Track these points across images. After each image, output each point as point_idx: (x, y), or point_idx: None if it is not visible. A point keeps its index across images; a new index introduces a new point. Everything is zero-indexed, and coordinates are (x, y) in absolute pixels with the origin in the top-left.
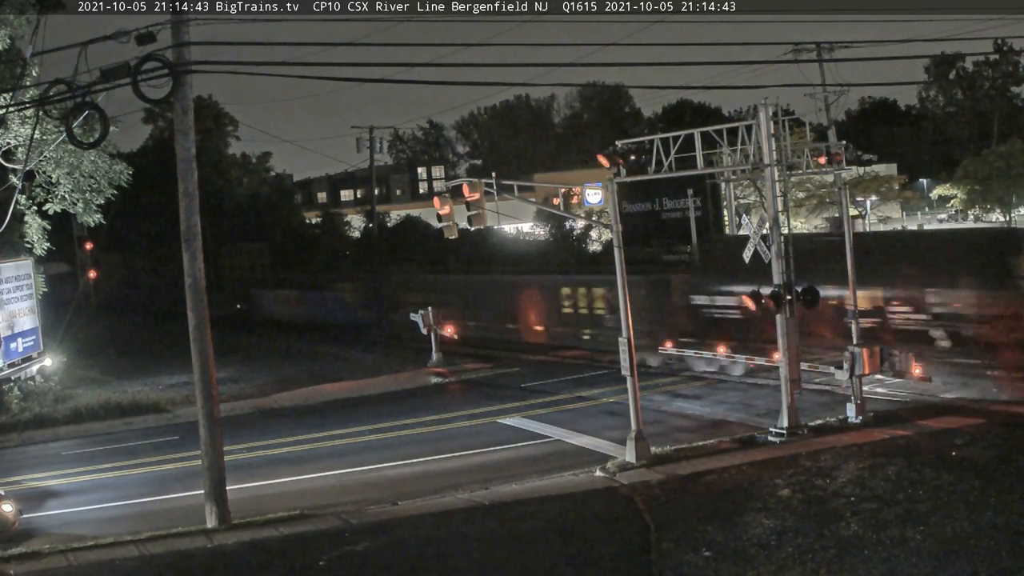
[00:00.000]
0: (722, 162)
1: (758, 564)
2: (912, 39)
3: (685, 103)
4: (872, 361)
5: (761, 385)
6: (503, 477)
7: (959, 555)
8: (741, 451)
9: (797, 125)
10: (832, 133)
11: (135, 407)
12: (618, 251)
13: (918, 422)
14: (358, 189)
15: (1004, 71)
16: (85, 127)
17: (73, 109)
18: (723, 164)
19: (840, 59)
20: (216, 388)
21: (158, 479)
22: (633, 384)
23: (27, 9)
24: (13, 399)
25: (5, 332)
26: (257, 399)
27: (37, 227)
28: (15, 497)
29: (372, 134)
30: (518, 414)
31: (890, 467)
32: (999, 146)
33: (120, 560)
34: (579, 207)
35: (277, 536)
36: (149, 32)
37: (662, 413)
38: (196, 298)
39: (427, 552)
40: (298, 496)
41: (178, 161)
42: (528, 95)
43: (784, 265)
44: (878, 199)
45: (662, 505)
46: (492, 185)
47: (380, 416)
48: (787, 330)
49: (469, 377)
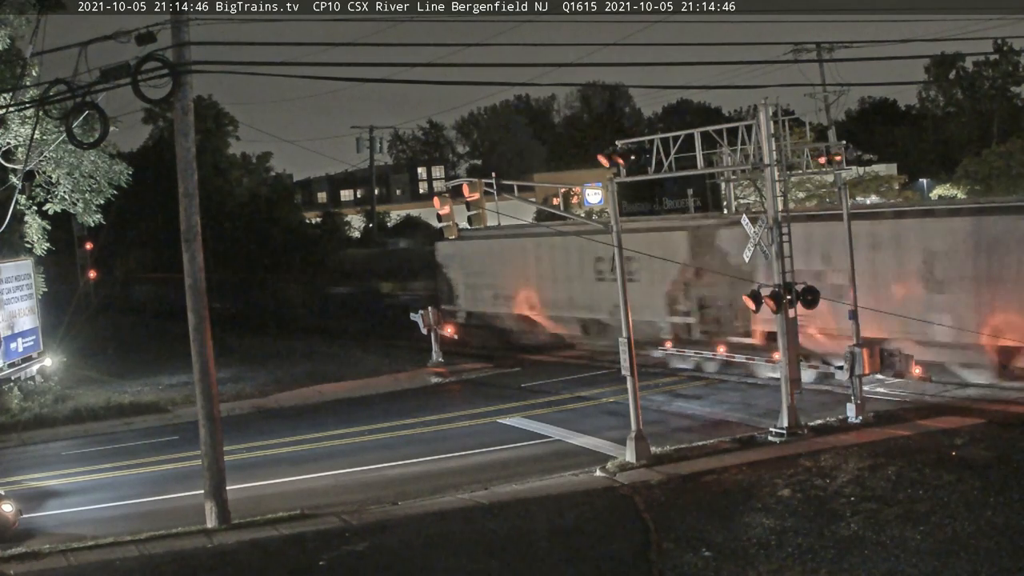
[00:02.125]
0: (722, 162)
1: (758, 564)
2: (912, 39)
3: (685, 103)
4: (872, 361)
5: (761, 385)
6: (503, 477)
7: (959, 555)
8: (741, 451)
9: (797, 125)
10: (832, 133)
11: (135, 407)
12: (618, 251)
13: (918, 422)
14: (358, 189)
15: (1004, 71)
16: (85, 127)
17: (73, 109)
18: (723, 164)
19: (840, 59)
20: (216, 388)
21: (158, 479)
22: (633, 384)
23: (27, 9)
24: (13, 399)
25: (5, 332)
26: (257, 399)
27: (37, 227)
28: (15, 497)
29: (372, 134)
30: (518, 414)
31: (890, 467)
32: (999, 146)
33: (120, 560)
34: (579, 207)
35: (277, 536)
36: (149, 32)
37: (662, 413)
38: (196, 298)
39: (427, 552)
40: (298, 496)
41: (178, 161)
42: (528, 95)
43: (784, 265)
44: (878, 199)
45: (662, 505)
46: (492, 185)
47: (380, 416)
48: (787, 330)
49: (469, 377)
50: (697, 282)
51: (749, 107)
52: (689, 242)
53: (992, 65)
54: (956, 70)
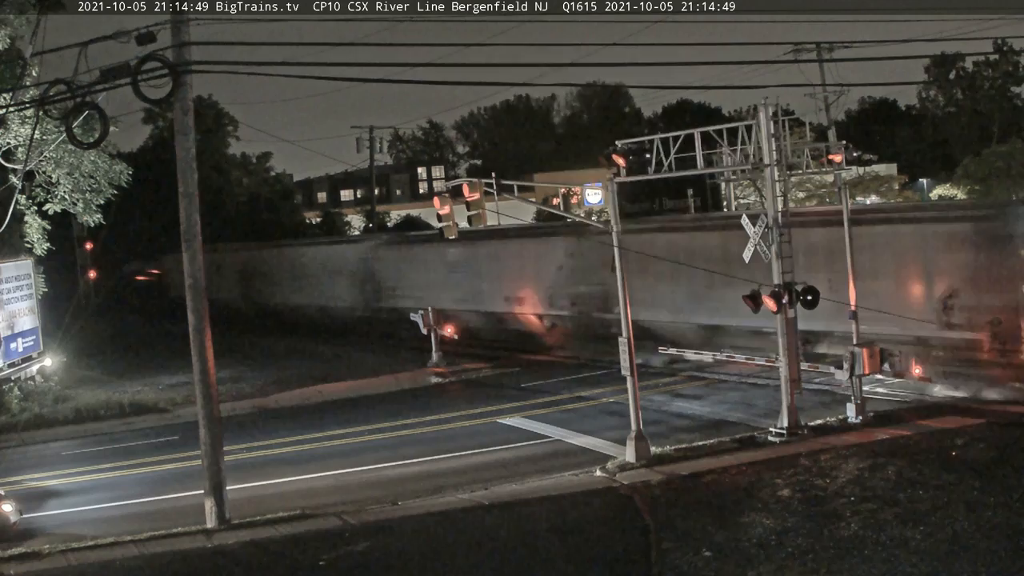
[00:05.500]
0: (722, 162)
1: (758, 564)
2: (912, 39)
3: (685, 103)
4: (872, 361)
5: (761, 385)
6: (503, 477)
7: (959, 555)
8: (741, 451)
9: (797, 125)
10: (832, 133)
11: (135, 407)
12: (618, 251)
13: (918, 422)
14: (358, 189)
15: (1004, 71)
16: (85, 127)
17: (73, 109)
18: (723, 164)
19: (840, 59)
20: (216, 388)
21: (158, 479)
22: (633, 384)
23: (27, 9)
24: (13, 399)
25: (5, 332)
26: (257, 399)
27: (37, 227)
28: (15, 497)
29: (372, 134)
30: (518, 414)
31: (890, 467)
32: (999, 146)
33: (120, 560)
34: (579, 207)
35: (277, 536)
36: (149, 32)
37: (662, 413)
38: (196, 298)
39: (427, 552)
40: (298, 496)
41: (178, 161)
42: (528, 95)
43: (784, 265)
44: (878, 199)
45: (662, 505)
46: (492, 185)
47: (380, 416)
48: (787, 330)
49: (469, 377)
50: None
51: (749, 107)
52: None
53: (992, 65)
54: (956, 70)
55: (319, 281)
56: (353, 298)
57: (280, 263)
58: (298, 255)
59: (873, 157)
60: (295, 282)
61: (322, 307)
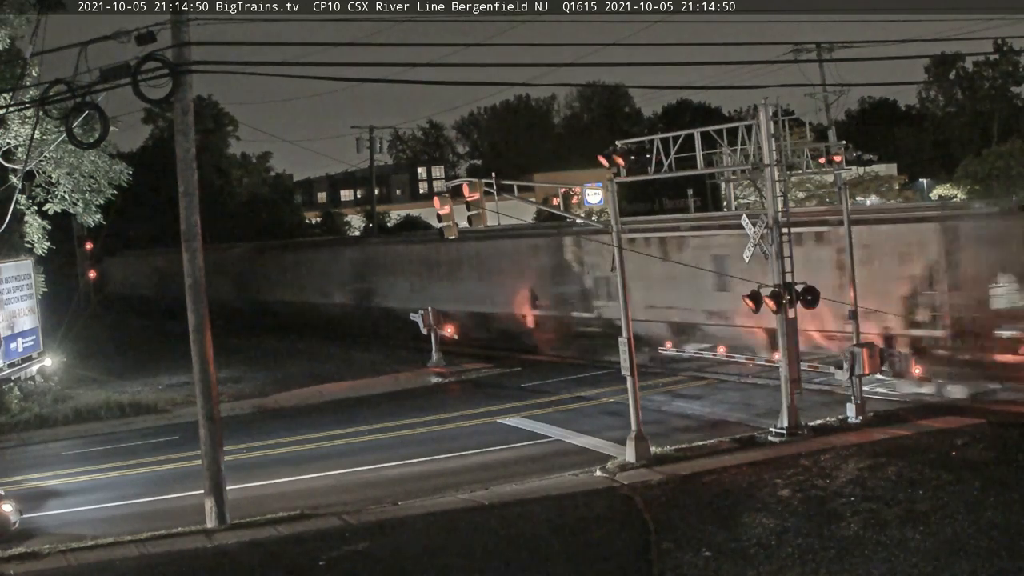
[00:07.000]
0: (722, 162)
1: (758, 564)
2: (912, 39)
3: (685, 103)
4: (872, 361)
5: (761, 385)
6: (503, 477)
7: (959, 555)
8: (741, 451)
9: (797, 125)
10: (832, 133)
11: (135, 407)
12: (617, 251)
13: (918, 422)
14: (358, 189)
15: (1004, 71)
16: (85, 127)
17: (73, 109)
18: (723, 164)
19: (840, 59)
20: (216, 388)
21: (158, 479)
22: (633, 384)
23: (27, 9)
24: (13, 399)
25: (5, 332)
26: (257, 399)
27: (37, 227)
28: (15, 497)
29: (372, 134)
30: (518, 414)
31: (890, 467)
32: (999, 146)
33: (120, 560)
34: (579, 207)
35: (277, 536)
36: (149, 32)
37: (662, 413)
38: (196, 298)
39: (427, 552)
40: (298, 496)
41: (178, 161)
42: (528, 95)
43: (784, 265)
44: (878, 199)
45: (662, 505)
46: (492, 185)
47: (380, 416)
48: (787, 330)
49: (469, 377)
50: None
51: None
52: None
53: (992, 65)
54: (956, 70)
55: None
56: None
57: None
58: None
59: (873, 157)
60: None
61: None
